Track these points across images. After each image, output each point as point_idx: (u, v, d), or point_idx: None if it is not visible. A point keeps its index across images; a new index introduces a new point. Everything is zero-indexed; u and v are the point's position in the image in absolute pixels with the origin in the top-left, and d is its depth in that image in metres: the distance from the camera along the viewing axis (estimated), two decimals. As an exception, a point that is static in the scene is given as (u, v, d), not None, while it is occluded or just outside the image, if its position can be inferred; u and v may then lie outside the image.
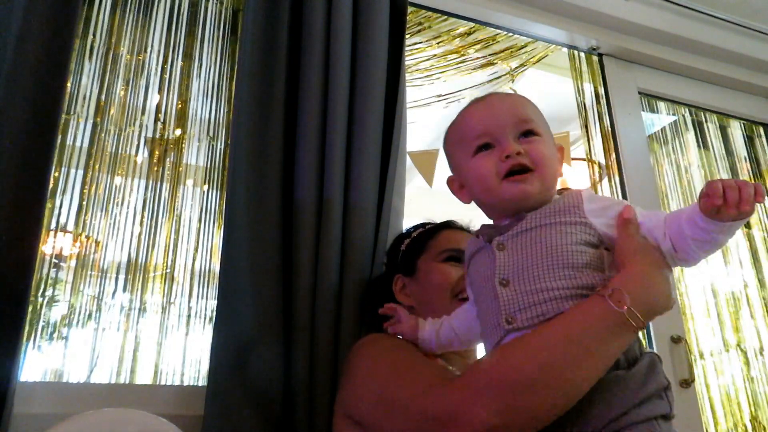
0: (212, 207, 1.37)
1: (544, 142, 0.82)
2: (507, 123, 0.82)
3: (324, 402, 1.10)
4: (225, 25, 1.53)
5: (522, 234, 0.78)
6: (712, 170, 2.18)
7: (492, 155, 0.81)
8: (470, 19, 1.89)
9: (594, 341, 0.70)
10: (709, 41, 2.10)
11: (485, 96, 0.88)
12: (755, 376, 1.91)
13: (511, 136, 0.81)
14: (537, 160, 0.80)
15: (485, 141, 0.82)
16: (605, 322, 0.71)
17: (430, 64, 2.02)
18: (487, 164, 0.81)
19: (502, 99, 0.87)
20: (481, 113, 0.85)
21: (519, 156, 0.79)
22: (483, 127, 0.83)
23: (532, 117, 0.84)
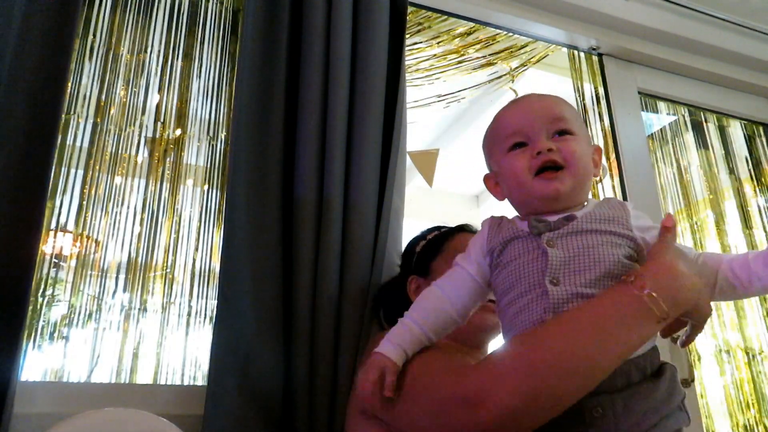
0: (212, 207, 1.37)
1: (577, 141, 0.83)
2: (540, 121, 0.83)
3: (324, 402, 1.10)
4: (225, 25, 1.53)
5: (573, 236, 0.77)
6: (712, 170, 2.18)
7: (525, 153, 0.83)
8: (470, 19, 1.89)
9: (618, 327, 0.70)
10: (709, 41, 2.10)
11: (523, 96, 0.90)
12: (755, 377, 1.91)
13: (544, 134, 0.83)
14: (568, 158, 0.81)
15: (519, 139, 0.84)
16: (629, 308, 0.71)
17: (430, 64, 2.02)
18: (519, 161, 0.82)
19: (538, 99, 0.88)
20: (516, 112, 0.87)
21: (550, 152, 0.81)
22: (517, 125, 0.85)
23: (566, 116, 0.85)
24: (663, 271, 0.73)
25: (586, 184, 0.84)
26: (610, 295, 0.73)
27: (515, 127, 0.85)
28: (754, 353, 1.94)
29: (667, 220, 0.81)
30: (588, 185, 0.85)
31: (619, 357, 0.70)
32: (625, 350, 0.71)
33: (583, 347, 0.69)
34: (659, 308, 0.70)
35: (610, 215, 0.80)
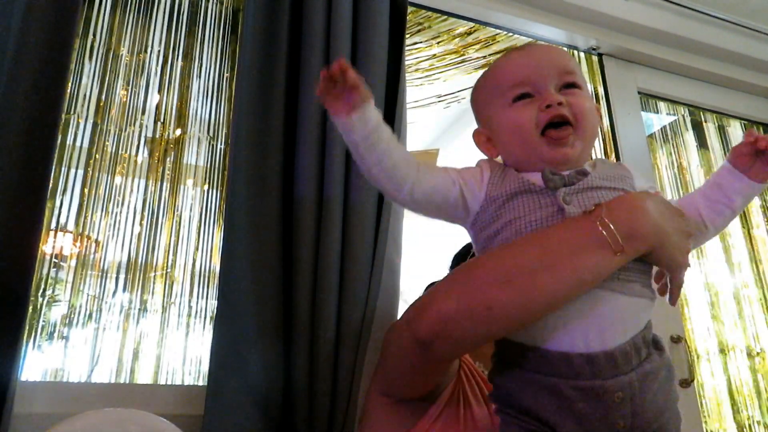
0: (212, 207, 1.38)
1: (585, 96, 0.79)
2: (549, 73, 0.77)
3: (324, 402, 1.10)
4: (225, 25, 1.53)
5: (587, 192, 0.74)
6: (711, 170, 2.18)
7: (532, 105, 0.76)
8: (470, 19, 1.89)
9: (567, 251, 0.68)
10: (709, 41, 2.10)
11: (525, 45, 0.85)
12: (755, 377, 1.91)
13: (552, 87, 0.77)
14: (578, 114, 0.76)
15: (525, 90, 0.77)
16: (581, 235, 0.69)
17: (430, 64, 2.02)
18: (525, 114, 0.76)
19: (544, 49, 0.83)
20: (522, 61, 0.80)
21: (561, 107, 0.75)
22: (523, 75, 0.78)
23: (575, 69, 0.79)
24: (625, 205, 0.71)
25: (593, 142, 0.80)
26: (567, 223, 0.71)
27: (521, 76, 0.78)
28: (755, 353, 1.94)
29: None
30: (594, 143, 0.81)
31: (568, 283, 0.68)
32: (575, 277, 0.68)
33: (523, 262, 0.69)
34: (612, 238, 0.67)
35: (619, 173, 0.78)
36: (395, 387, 0.87)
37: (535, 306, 0.68)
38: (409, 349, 0.75)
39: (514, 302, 0.68)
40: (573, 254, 0.68)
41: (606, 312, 0.70)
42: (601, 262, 0.68)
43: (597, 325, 0.70)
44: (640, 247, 0.70)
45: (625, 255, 0.69)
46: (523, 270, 0.69)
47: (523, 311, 0.69)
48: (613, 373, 0.68)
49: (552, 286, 0.68)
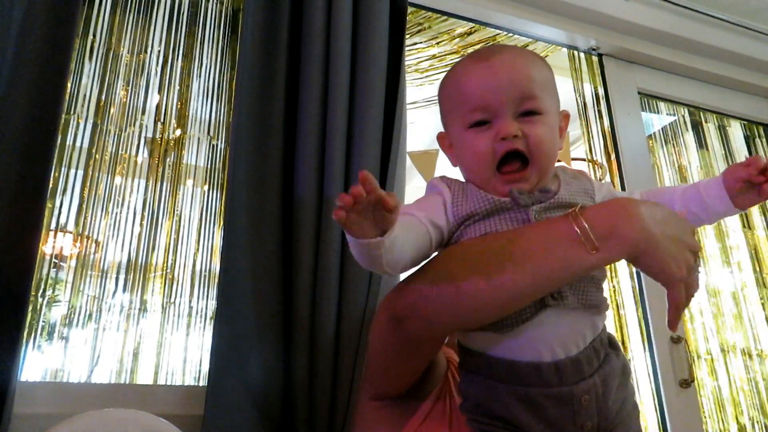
0: (212, 207, 1.37)
1: (545, 123, 0.75)
2: (508, 98, 0.74)
3: (324, 402, 1.10)
4: (225, 25, 1.53)
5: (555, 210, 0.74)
6: (711, 170, 2.18)
7: (487, 132, 0.75)
8: (470, 19, 1.89)
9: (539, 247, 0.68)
10: (709, 41, 2.10)
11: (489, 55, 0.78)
12: (755, 377, 1.91)
13: (510, 113, 0.74)
14: (534, 147, 0.74)
15: (483, 117, 0.75)
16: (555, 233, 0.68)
17: (430, 64, 2.02)
18: (480, 143, 0.75)
19: (506, 65, 0.76)
20: (481, 81, 0.76)
21: (516, 139, 0.73)
22: (481, 99, 0.75)
23: (536, 91, 0.75)
24: (607, 208, 0.69)
25: (550, 169, 0.78)
26: (542, 222, 0.71)
27: (479, 101, 0.75)
28: (755, 353, 1.94)
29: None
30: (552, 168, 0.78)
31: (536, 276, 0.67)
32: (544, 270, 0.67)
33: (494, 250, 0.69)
34: (585, 235, 0.66)
35: (582, 187, 0.78)
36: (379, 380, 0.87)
37: (501, 295, 0.68)
38: (386, 327, 0.77)
39: (482, 288, 0.68)
40: (545, 249, 0.67)
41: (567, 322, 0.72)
42: (574, 259, 0.67)
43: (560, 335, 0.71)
44: (623, 248, 0.67)
45: (604, 255, 0.67)
46: (493, 257, 0.69)
47: (490, 299, 0.68)
48: (578, 377, 0.71)
49: (520, 277, 0.67)
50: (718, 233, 2.08)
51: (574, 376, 0.70)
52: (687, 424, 1.65)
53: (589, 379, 0.71)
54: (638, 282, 1.78)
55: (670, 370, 1.68)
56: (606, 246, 0.66)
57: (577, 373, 0.71)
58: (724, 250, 2.06)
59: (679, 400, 1.66)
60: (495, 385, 0.73)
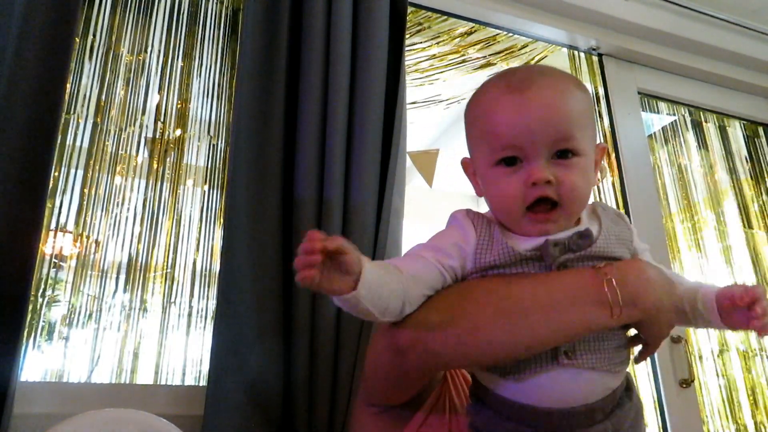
0: (212, 207, 1.37)
1: (580, 167, 0.71)
2: (543, 140, 0.69)
3: (324, 402, 1.10)
4: (225, 25, 1.53)
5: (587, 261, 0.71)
6: (712, 170, 2.18)
7: (518, 175, 0.70)
8: (470, 19, 1.89)
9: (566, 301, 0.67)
10: (709, 41, 2.10)
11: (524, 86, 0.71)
12: (755, 377, 1.91)
13: (543, 156, 0.69)
14: (566, 194, 0.70)
15: (513, 154, 0.70)
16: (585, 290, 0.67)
17: (430, 64, 2.02)
18: (510, 185, 0.71)
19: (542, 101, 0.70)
20: (513, 118, 0.70)
21: (548, 185, 0.69)
22: (512, 138, 0.70)
23: (573, 131, 0.70)
24: (632, 270, 0.70)
25: (581, 211, 0.75)
26: (574, 273, 0.69)
27: (509, 139, 0.70)
28: (754, 353, 1.94)
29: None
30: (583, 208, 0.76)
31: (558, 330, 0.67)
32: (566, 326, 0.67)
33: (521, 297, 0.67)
34: (615, 300, 0.66)
35: (621, 235, 0.76)
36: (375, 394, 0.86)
37: (520, 342, 0.67)
38: (384, 356, 0.74)
39: (502, 332, 0.67)
40: (572, 304, 0.67)
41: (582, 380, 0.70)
42: (595, 320, 0.67)
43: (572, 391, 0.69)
44: (635, 316, 0.69)
45: (620, 320, 0.68)
46: (519, 304, 0.67)
47: (507, 344, 0.67)
48: (590, 423, 0.69)
49: (542, 329, 0.67)
50: (719, 233, 2.08)
51: (586, 422, 0.69)
52: (687, 424, 1.65)
53: (599, 424, 0.69)
54: (638, 282, 1.78)
55: (670, 370, 1.68)
56: (626, 311, 0.67)
57: (588, 419, 0.69)
58: (724, 250, 2.06)
59: (679, 399, 1.66)
60: (503, 423, 0.71)
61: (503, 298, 0.68)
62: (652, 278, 0.70)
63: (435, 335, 0.68)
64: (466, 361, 0.71)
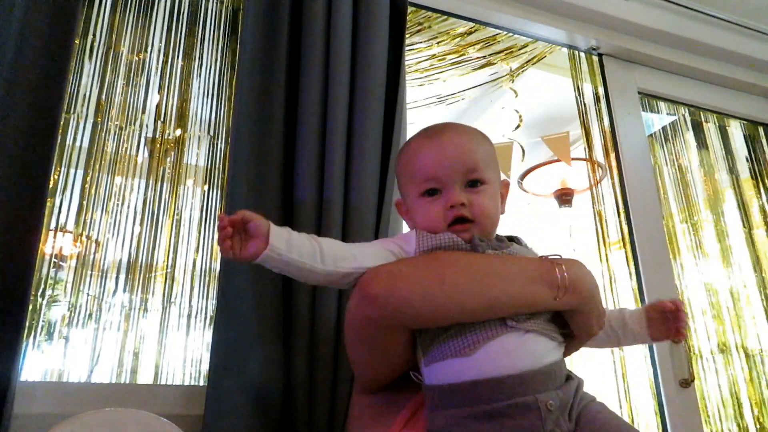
0: (212, 207, 1.37)
1: (487, 193, 0.88)
2: (455, 171, 0.87)
3: (324, 402, 1.10)
4: (225, 25, 1.53)
5: None
6: (711, 170, 2.18)
7: (438, 201, 0.87)
8: (470, 19, 1.89)
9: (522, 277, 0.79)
10: (709, 41, 2.10)
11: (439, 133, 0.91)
12: (755, 377, 1.91)
13: (457, 185, 0.87)
14: (478, 213, 0.86)
15: (433, 186, 0.88)
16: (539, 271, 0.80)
17: (430, 64, 2.02)
18: (433, 209, 0.87)
19: (453, 142, 0.89)
20: (432, 156, 0.88)
21: (462, 207, 0.86)
22: (432, 172, 0.87)
23: (479, 165, 0.88)
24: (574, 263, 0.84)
25: (493, 228, 0.90)
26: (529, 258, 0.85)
27: (430, 173, 0.87)
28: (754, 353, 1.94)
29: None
30: (495, 227, 0.91)
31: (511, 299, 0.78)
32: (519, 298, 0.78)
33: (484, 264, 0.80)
34: (562, 281, 0.79)
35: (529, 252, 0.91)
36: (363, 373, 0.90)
37: (478, 301, 0.77)
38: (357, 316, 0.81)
39: (464, 286, 0.77)
40: (525, 279, 0.79)
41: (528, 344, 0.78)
42: (541, 298, 0.79)
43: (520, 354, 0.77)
44: (573, 302, 0.81)
45: (560, 302, 0.80)
46: (481, 269, 0.79)
47: (468, 300, 0.77)
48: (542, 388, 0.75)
49: (498, 294, 0.77)
50: (719, 233, 2.08)
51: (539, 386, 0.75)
52: (687, 424, 1.65)
53: (551, 391, 0.75)
54: (638, 282, 1.78)
55: (670, 370, 1.68)
56: (566, 295, 0.80)
57: (540, 383, 0.75)
58: (724, 250, 2.06)
59: (679, 400, 1.66)
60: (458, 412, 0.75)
61: (467, 263, 0.80)
62: (589, 273, 0.85)
63: (404, 282, 0.77)
64: (430, 311, 0.78)
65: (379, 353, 0.85)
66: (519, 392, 0.74)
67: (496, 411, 0.73)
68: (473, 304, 0.77)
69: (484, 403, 0.74)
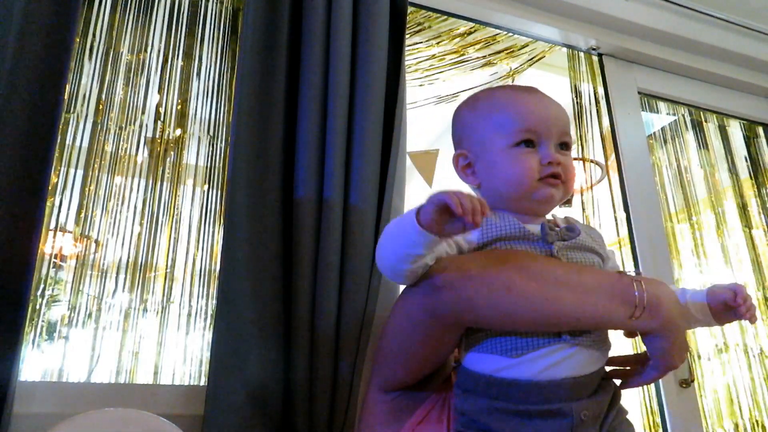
0: (212, 207, 1.37)
1: (570, 159, 0.87)
2: (555, 130, 0.85)
3: (324, 402, 1.10)
4: (225, 25, 1.53)
5: (575, 251, 0.82)
6: (711, 170, 2.18)
7: (534, 155, 0.84)
8: (470, 19, 1.89)
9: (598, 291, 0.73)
10: (709, 41, 2.10)
11: (533, 89, 0.89)
12: (755, 377, 1.91)
13: (553, 143, 0.85)
14: (567, 175, 0.85)
15: (530, 137, 0.84)
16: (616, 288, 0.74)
17: (430, 64, 2.02)
18: (527, 161, 0.83)
19: (553, 104, 0.88)
20: (533, 108, 0.86)
21: (558, 166, 0.84)
22: (533, 124, 0.84)
23: (570, 130, 0.88)
24: (655, 282, 0.78)
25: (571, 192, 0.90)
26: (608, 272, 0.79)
27: (530, 124, 0.84)
28: (755, 353, 1.94)
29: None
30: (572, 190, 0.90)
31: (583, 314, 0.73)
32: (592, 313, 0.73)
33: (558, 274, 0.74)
34: (640, 301, 0.73)
35: (597, 238, 0.87)
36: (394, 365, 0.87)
37: (546, 313, 0.72)
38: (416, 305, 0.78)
39: (532, 297, 0.72)
40: (600, 293, 0.74)
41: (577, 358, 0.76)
42: (616, 316, 0.74)
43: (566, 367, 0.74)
44: (652, 324, 0.75)
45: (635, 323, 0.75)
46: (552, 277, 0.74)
47: (535, 310, 0.72)
48: (577, 396, 0.73)
49: (568, 306, 0.72)
50: (719, 233, 2.08)
51: (574, 395, 0.73)
52: (687, 424, 1.65)
53: (586, 400, 0.74)
54: (638, 282, 1.78)
55: (669, 370, 1.68)
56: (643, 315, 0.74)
57: (576, 392, 0.73)
58: (724, 250, 2.06)
59: (679, 399, 1.66)
60: (491, 403, 0.74)
61: (539, 271, 0.75)
62: (672, 295, 0.78)
63: (471, 281, 0.74)
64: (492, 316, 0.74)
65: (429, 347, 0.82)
66: (555, 398, 0.72)
67: (529, 411, 0.72)
68: (539, 315, 0.73)
69: (518, 402, 0.73)
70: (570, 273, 0.76)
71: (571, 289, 0.73)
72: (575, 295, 0.73)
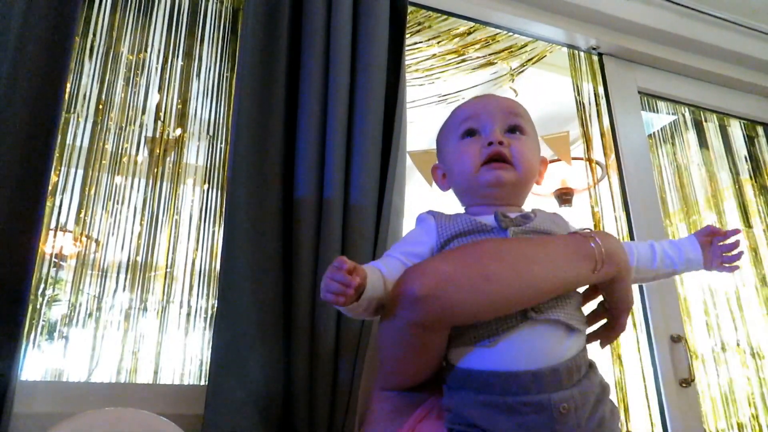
0: (212, 206, 1.37)
1: (527, 142, 0.86)
2: (496, 113, 0.86)
3: (324, 402, 1.10)
4: (225, 25, 1.53)
5: (532, 234, 0.82)
6: (712, 170, 2.18)
7: (476, 141, 0.85)
8: (470, 18, 1.89)
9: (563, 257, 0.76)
10: (709, 41, 2.10)
11: (483, 95, 0.92)
12: (755, 376, 1.91)
13: (498, 126, 0.85)
14: (516, 156, 0.84)
15: (471, 125, 0.86)
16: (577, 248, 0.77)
17: (430, 64, 2.02)
18: (470, 149, 0.85)
19: (496, 96, 0.90)
20: (473, 103, 0.90)
21: (501, 146, 0.83)
22: (471, 112, 0.87)
23: (521, 113, 0.88)
24: (605, 234, 0.82)
25: (527, 186, 0.88)
26: (564, 237, 0.81)
27: (469, 113, 0.87)
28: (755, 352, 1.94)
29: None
30: (528, 189, 0.88)
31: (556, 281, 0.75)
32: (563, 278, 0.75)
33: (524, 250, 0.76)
34: (599, 253, 0.77)
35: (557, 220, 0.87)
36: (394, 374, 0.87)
37: (525, 289, 0.74)
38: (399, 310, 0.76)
39: (510, 280, 0.73)
40: (565, 258, 0.77)
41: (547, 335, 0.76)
42: (583, 274, 0.77)
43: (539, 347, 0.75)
44: (611, 272, 0.79)
45: (598, 275, 0.78)
46: (522, 256, 0.75)
47: (515, 291, 0.73)
48: (557, 387, 0.73)
49: (543, 277, 0.74)
50: (718, 233, 2.07)
51: (553, 385, 0.73)
52: (687, 424, 1.65)
53: (567, 390, 0.73)
54: (638, 282, 1.78)
55: (670, 370, 1.68)
56: (604, 266, 0.78)
57: (555, 382, 0.73)
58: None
59: (679, 399, 1.66)
60: (474, 396, 0.75)
61: (507, 253, 0.76)
62: (617, 240, 0.83)
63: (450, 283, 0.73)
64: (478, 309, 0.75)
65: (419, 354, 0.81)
66: (533, 390, 0.72)
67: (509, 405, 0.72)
68: (520, 296, 0.74)
69: (498, 394, 0.73)
70: (536, 247, 0.78)
71: (539, 262, 0.75)
72: (545, 267, 0.75)
